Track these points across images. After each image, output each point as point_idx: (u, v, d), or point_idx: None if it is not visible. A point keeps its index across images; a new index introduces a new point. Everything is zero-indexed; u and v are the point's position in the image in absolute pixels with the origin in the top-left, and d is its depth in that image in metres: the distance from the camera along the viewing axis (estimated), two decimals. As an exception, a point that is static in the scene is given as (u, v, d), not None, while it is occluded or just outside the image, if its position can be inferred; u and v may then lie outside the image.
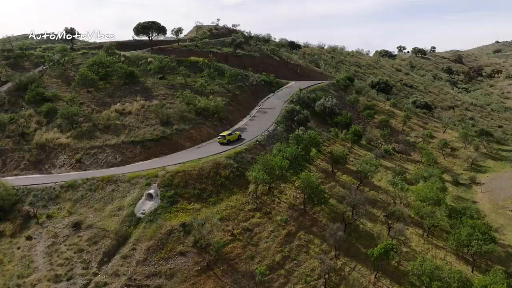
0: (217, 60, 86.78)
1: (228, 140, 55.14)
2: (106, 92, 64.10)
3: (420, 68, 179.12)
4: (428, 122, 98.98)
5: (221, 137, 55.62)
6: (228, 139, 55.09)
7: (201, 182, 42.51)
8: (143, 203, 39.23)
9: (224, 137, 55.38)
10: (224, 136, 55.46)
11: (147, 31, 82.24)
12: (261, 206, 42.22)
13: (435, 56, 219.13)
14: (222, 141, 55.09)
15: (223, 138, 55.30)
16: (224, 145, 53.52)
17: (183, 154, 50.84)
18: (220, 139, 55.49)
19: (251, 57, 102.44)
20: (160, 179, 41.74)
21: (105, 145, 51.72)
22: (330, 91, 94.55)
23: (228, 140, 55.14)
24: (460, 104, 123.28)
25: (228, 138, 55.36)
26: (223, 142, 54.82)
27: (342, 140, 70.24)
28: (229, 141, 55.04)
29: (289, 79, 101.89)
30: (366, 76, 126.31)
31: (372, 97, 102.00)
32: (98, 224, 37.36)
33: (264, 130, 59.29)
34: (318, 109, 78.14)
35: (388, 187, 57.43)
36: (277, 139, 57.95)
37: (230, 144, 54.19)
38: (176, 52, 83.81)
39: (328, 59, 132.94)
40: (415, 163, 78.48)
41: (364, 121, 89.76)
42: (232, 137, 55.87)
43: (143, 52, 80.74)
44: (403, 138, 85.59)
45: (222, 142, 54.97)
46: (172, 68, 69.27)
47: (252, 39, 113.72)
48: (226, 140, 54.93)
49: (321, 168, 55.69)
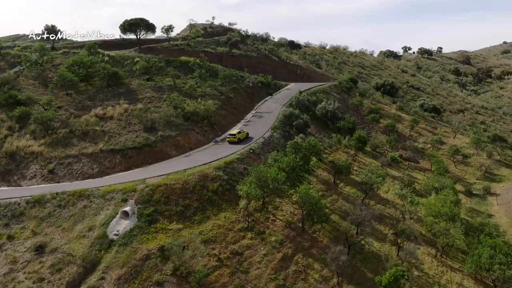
0: (209, 60, 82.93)
1: (239, 138, 53.79)
2: (87, 95, 60.22)
3: (426, 69, 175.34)
4: (437, 127, 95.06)
5: (231, 136, 54.07)
6: (238, 138, 53.72)
7: (185, 197, 38.41)
8: (118, 222, 35.14)
9: (235, 135, 53.81)
10: (234, 135, 53.92)
11: (135, 29, 78.33)
12: (253, 225, 38.12)
13: (442, 57, 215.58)
14: (233, 140, 53.54)
15: (233, 137, 53.71)
16: (235, 144, 52.43)
17: (168, 164, 46.82)
18: (230, 138, 53.84)
19: (248, 57, 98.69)
20: (139, 194, 37.67)
21: (82, 154, 47.73)
22: (332, 93, 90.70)
23: (239, 138, 53.79)
24: (470, 107, 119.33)
25: (239, 136, 54.00)
26: (233, 141, 53.41)
27: (345, 147, 66.28)
28: (239, 139, 53.69)
29: (288, 80, 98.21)
30: (370, 78, 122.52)
31: (377, 100, 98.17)
32: (64, 247, 33.26)
33: (259, 137, 55.28)
34: (319, 113, 74.22)
35: (396, 200, 53.39)
36: (273, 146, 53.92)
37: (240, 143, 53.09)
38: (166, 52, 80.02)
39: (330, 59, 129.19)
40: (424, 172, 74.52)
41: (368, 125, 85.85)
42: (241, 135, 54.75)
43: (131, 51, 76.87)
44: (411, 144, 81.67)
45: (233, 141, 53.45)
46: (160, 69, 65.41)
47: (249, 38, 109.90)
48: (237, 139, 53.55)
49: (322, 179, 51.63)
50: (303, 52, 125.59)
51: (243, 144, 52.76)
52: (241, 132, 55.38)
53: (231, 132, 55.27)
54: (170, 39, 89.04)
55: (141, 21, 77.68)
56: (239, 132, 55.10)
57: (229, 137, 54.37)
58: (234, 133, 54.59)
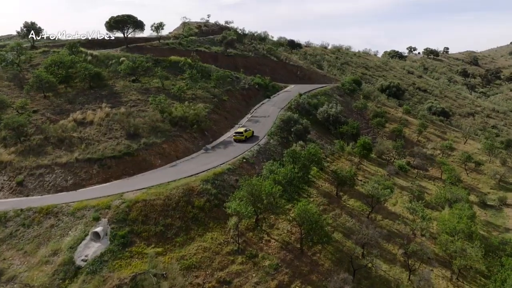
0: (203, 60, 79.18)
1: (246, 137, 53.02)
2: (66, 98, 56.31)
3: (433, 71, 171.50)
4: (447, 131, 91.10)
5: (237, 134, 53.02)
6: (245, 136, 52.94)
7: (167, 215, 34.38)
8: (87, 245, 31.13)
9: (242, 133, 52.87)
10: (241, 133, 52.93)
11: (122, 27, 74.43)
12: (245, 247, 34.08)
13: (449, 57, 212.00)
14: (240, 138, 52.68)
15: (240, 135, 52.75)
16: (242, 143, 51.72)
17: (151, 175, 42.80)
18: (237, 137, 52.89)
19: (245, 57, 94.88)
20: (113, 211, 33.66)
21: (55, 164, 43.71)
22: (335, 96, 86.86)
23: (246, 137, 53.02)
24: (480, 110, 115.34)
25: (246, 134, 53.22)
26: (240, 140, 52.60)
27: (348, 154, 62.35)
28: (246, 138, 52.95)
29: (287, 82, 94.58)
30: (374, 79, 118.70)
31: (382, 103, 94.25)
32: (23, 275, 29.24)
33: (254, 144, 51.30)
34: (320, 117, 70.37)
35: (405, 213, 49.41)
36: (270, 155, 49.95)
37: (247, 141, 52.31)
38: (156, 51, 76.17)
39: (332, 60, 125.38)
40: (433, 181, 70.60)
41: (373, 130, 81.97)
42: (248, 133, 54.02)
43: (117, 50, 72.99)
44: (419, 151, 77.69)
45: (240, 139, 52.64)
46: (147, 69, 61.53)
47: (247, 37, 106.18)
48: (244, 137, 52.76)
49: (324, 191, 47.62)
50: (304, 52, 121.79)
51: (249, 142, 52.10)
52: (248, 130, 54.48)
53: (238, 130, 53.91)
54: (161, 37, 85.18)
55: (129, 18, 73.78)
56: (246, 130, 54.10)
57: (235, 135, 53.15)
58: (241, 131, 53.33)
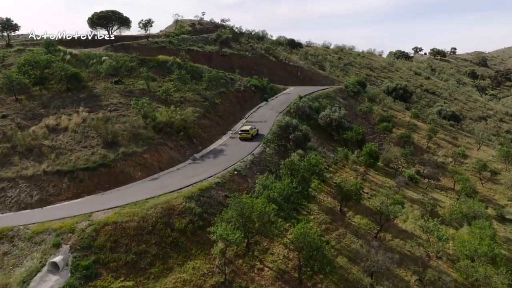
0: (196, 60, 75.03)
1: (252, 135, 52.33)
2: (40, 101, 51.93)
3: (440, 72, 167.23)
4: (458, 137, 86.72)
5: (243, 132, 52.14)
6: (251, 134, 52.19)
7: (141, 240, 29.89)
8: (43, 278, 26.64)
9: (248, 131, 52.03)
10: (247, 131, 52.09)
11: (106, 23, 70.11)
12: (233, 278, 29.59)
13: (456, 58, 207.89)
14: (246, 136, 51.86)
15: (246, 133, 51.91)
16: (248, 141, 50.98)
17: (128, 190, 38.34)
18: (242, 135, 52.03)
19: (241, 57, 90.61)
20: (77, 236, 29.21)
21: (20, 177, 39.24)
22: (337, 98, 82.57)
23: (252, 135, 52.33)
24: (492, 114, 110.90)
25: (252, 132, 52.44)
26: (246, 138, 51.76)
27: (353, 163, 57.91)
28: (252, 136, 52.22)
29: (287, 83, 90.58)
30: (379, 81, 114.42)
31: (389, 106, 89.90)
32: (-39, 317, 24.78)
33: (248, 153, 46.82)
34: (322, 121, 65.99)
35: (417, 231, 44.98)
36: (265, 166, 45.47)
37: (253, 139, 51.66)
38: (144, 50, 71.87)
39: (335, 60, 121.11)
40: (446, 192, 66.31)
41: (379, 136, 77.62)
42: (254, 131, 53.31)
43: (102, 49, 68.65)
44: (429, 158, 73.33)
45: (246, 138, 51.80)
46: (131, 69, 57.21)
47: (243, 36, 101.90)
48: (250, 135, 52.09)
49: (326, 206, 43.14)
50: (305, 52, 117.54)
51: (254, 141, 51.32)
52: (253, 128, 53.73)
53: (244, 128, 53.08)
54: (151, 36, 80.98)
55: (113, 14, 69.42)
56: (252, 128, 53.44)
57: (241, 134, 52.29)
58: (247, 129, 52.53)
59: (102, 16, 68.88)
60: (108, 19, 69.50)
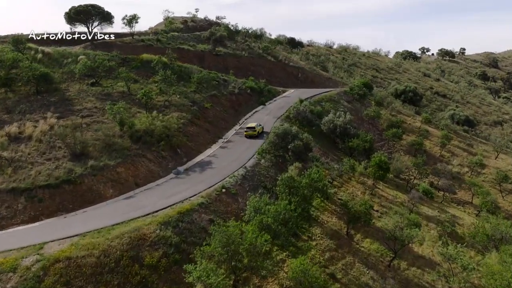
0: (187, 60, 70.09)
1: (258, 132, 51.29)
2: (4, 105, 46.71)
3: (449, 73, 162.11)
4: (473, 144, 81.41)
5: (249, 130, 50.99)
6: (258, 131, 51.06)
7: (100, 281, 24.54)
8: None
9: (254, 128, 50.88)
10: (253, 128, 50.93)
11: (85, 19, 64.95)
12: (215, 328, 24.20)
13: (466, 59, 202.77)
14: (252, 134, 50.74)
15: (252, 131, 50.75)
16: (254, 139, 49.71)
17: (95, 212, 33.05)
18: (248, 132, 50.93)
19: (237, 57, 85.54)
20: (19, 276, 23.90)
21: (-33, 196, 33.97)
22: (342, 102, 77.42)
23: (258, 132, 51.29)
24: (508, 118, 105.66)
25: (258, 129, 51.34)
26: (252, 135, 50.62)
27: (360, 175, 52.69)
28: (258, 133, 51.25)
29: (286, 85, 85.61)
30: (386, 83, 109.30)
31: (397, 110, 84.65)
32: None
33: (240, 166, 41.50)
34: (325, 128, 60.84)
35: (435, 256, 39.75)
36: (259, 181, 40.15)
37: (259, 137, 50.54)
38: (128, 48, 66.79)
39: (338, 61, 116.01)
40: (463, 206, 61.20)
41: (388, 143, 72.36)
42: (260, 128, 52.18)
43: (81, 47, 63.48)
44: (443, 168, 68.00)
45: (252, 135, 50.67)
46: (109, 70, 52.06)
47: (240, 34, 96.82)
48: (257, 132, 51.02)
49: (330, 229, 37.88)
50: (306, 52, 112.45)
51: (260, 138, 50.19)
52: (259, 125, 52.70)
53: (250, 125, 51.94)
54: (138, 33, 76.00)
55: (93, 8, 64.16)
56: (258, 125, 52.43)
57: (247, 131, 51.17)
58: (253, 125, 51.43)
59: (80, 10, 63.58)
60: (87, 14, 64.23)
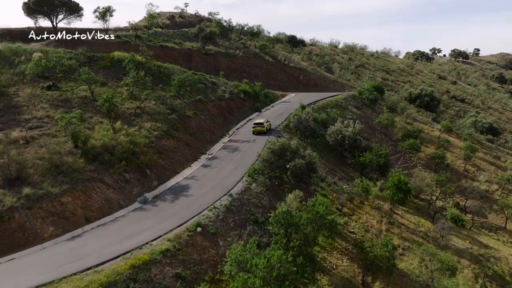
0: (169, 59, 62.48)
1: (266, 128, 49.87)
2: None
3: (464, 75, 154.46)
4: (500, 156, 73.54)
5: (257, 126, 49.17)
6: (266, 128, 49.63)
7: None
8: None
9: (263, 124, 49.25)
10: (262, 124, 49.29)
11: (47, 11, 57.14)
12: None
13: (480, 60, 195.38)
14: (260, 130, 49.09)
15: (261, 127, 49.08)
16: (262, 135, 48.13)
17: (20, 264, 25.00)
18: (256, 128, 49.20)
19: (230, 57, 78.04)
20: None
21: None
22: (350, 108, 69.66)
23: (266, 128, 49.87)
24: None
25: (267, 125, 49.99)
26: (261, 132, 49.04)
27: (375, 198, 44.80)
28: (267, 129, 49.80)
29: (286, 89, 79.00)
30: (398, 86, 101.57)
31: (413, 117, 76.83)
32: None
33: (224, 193, 33.44)
34: (331, 139, 53.16)
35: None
36: (248, 214, 32.05)
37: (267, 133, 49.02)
38: (100, 46, 59.05)
39: (345, 61, 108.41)
40: (496, 232, 53.60)
41: (404, 156, 64.41)
42: (268, 124, 50.69)
43: (43, 44, 55.62)
44: (470, 186, 60.17)
45: (260, 131, 49.07)
46: (68, 71, 44.23)
47: (234, 31, 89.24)
48: (265, 129, 49.58)
49: (340, 277, 29.92)
50: (308, 52, 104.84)
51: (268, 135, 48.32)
52: (267, 121, 51.08)
53: (258, 121, 50.19)
54: (114, 29, 68.43)
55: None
56: (267, 121, 50.93)
57: (255, 127, 49.44)
58: (261, 121, 49.84)
59: (41, 0, 55.78)
60: (50, 5, 56.39)
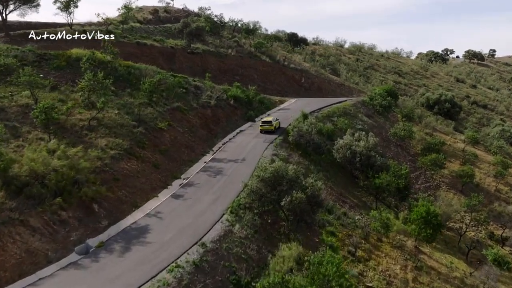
0: (149, 59, 54.83)
1: (275, 127, 48.71)
2: None
3: (480, 78, 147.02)
4: (533, 171, 65.49)
5: (265, 124, 48.12)
6: (275, 126, 48.57)
7: None
8: None
9: (271, 123, 48.26)
10: (270, 122, 48.28)
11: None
12: None
13: (496, 62, 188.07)
14: (269, 128, 48.04)
15: (269, 125, 47.98)
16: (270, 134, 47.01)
17: None
18: (264, 127, 48.09)
19: (221, 57, 70.57)
20: None
21: None
22: (360, 116, 61.67)
23: (275, 127, 48.71)
24: None
25: (275, 124, 48.81)
26: (269, 130, 47.92)
27: (397, 234, 36.70)
28: (275, 128, 48.64)
29: (286, 94, 72.51)
30: (412, 90, 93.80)
31: (433, 127, 68.76)
32: None
33: (195, 242, 25.07)
34: (339, 155, 45.26)
35: None
36: (227, 272, 23.73)
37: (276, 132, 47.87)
38: (62, 43, 51.15)
39: (352, 62, 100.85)
40: (542, 271, 44.94)
41: (425, 173, 56.30)
42: (277, 123, 49.71)
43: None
44: (505, 209, 52.12)
45: (268, 130, 47.99)
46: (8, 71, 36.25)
47: (226, 28, 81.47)
48: (274, 127, 48.39)
49: None
50: (311, 52, 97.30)
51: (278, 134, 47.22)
52: (276, 120, 50.15)
53: (266, 120, 49.15)
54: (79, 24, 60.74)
55: (5, -16, 48.51)
56: (275, 119, 49.81)
57: (263, 125, 48.26)
58: (270, 119, 48.84)
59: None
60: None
